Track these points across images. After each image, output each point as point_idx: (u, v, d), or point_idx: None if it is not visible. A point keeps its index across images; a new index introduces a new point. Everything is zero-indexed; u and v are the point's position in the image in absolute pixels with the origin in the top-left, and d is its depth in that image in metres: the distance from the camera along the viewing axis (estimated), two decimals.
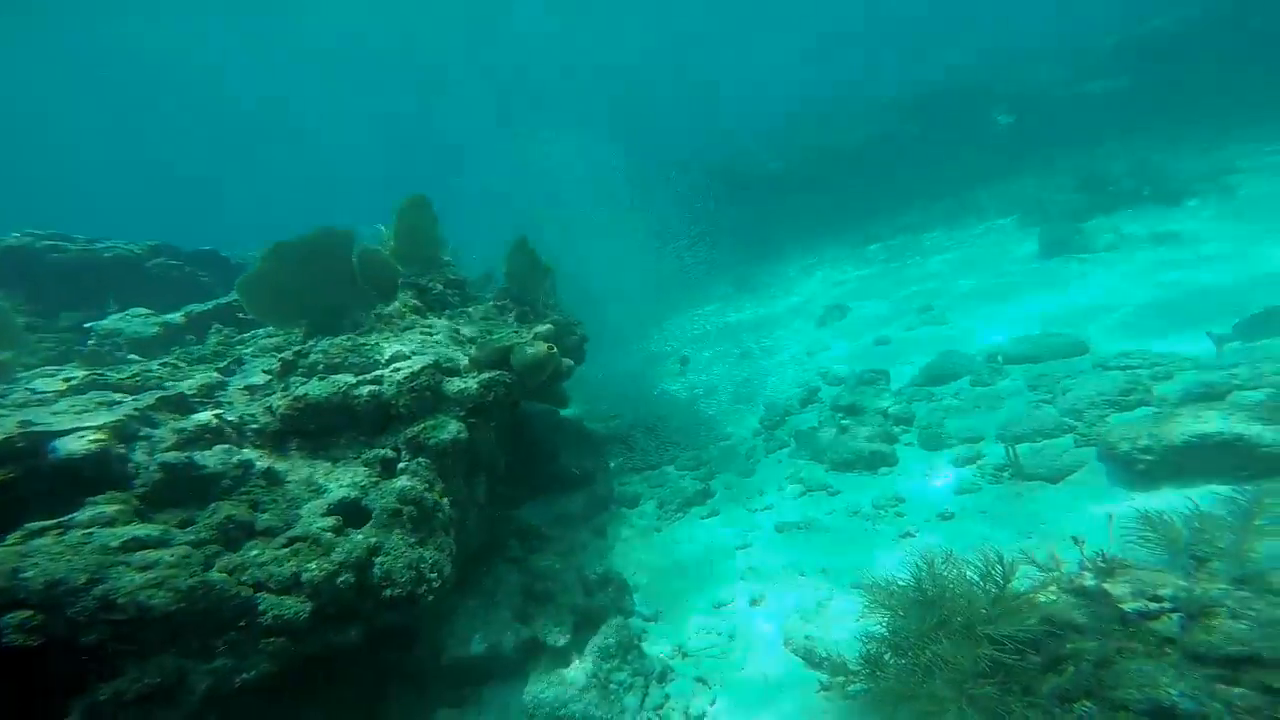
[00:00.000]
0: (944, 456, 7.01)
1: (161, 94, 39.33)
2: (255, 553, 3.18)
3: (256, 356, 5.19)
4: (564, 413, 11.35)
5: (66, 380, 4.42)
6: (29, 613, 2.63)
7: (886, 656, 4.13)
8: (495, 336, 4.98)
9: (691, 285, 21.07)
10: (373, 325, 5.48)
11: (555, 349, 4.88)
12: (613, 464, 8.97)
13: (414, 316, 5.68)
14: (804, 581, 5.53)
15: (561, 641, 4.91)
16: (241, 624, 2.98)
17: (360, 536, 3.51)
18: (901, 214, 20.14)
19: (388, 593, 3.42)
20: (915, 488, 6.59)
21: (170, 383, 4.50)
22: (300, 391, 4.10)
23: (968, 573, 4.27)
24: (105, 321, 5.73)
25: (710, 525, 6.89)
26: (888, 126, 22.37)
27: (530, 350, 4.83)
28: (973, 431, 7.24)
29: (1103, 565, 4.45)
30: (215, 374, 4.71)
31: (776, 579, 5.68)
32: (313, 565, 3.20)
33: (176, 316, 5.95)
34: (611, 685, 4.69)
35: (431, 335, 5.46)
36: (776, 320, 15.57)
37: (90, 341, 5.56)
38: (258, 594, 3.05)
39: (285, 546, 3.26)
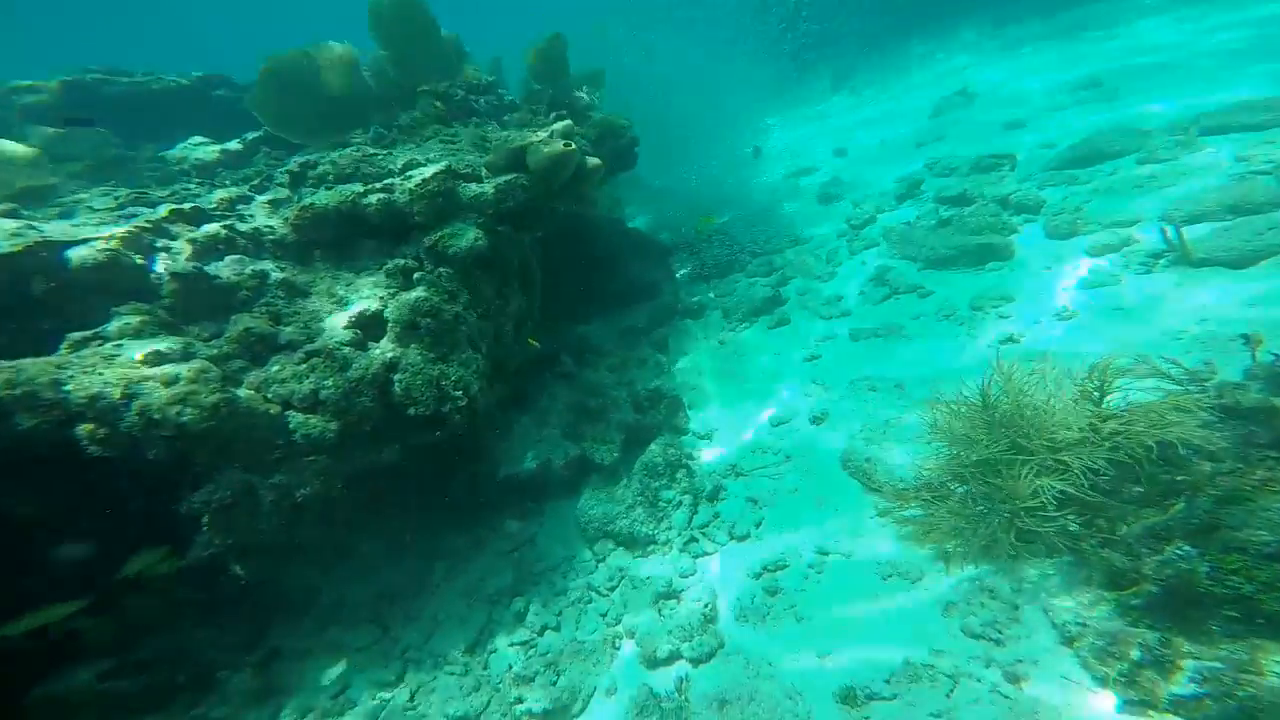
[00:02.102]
0: (1077, 245, 5.42)
1: None
2: (277, 368, 3.06)
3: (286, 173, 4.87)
4: (634, 223, 10.52)
5: (116, 198, 4.35)
6: (92, 425, 2.67)
7: (949, 483, 3.46)
8: (508, 136, 4.14)
9: (789, 82, 17.65)
10: (395, 137, 4.84)
11: (574, 146, 3.95)
12: (681, 273, 8.22)
13: (436, 125, 4.93)
14: (873, 397, 4.78)
15: (609, 459, 4.77)
16: (281, 442, 2.95)
17: (377, 352, 3.28)
18: None
19: (411, 411, 3.24)
20: (1030, 284, 5.22)
21: (200, 198, 4.29)
22: (307, 201, 3.69)
23: (1065, 385, 3.32)
24: (173, 150, 5.64)
25: (778, 335, 6.12)
26: None
27: (545, 149, 3.94)
28: (1125, 214, 5.44)
29: (1279, 372, 3.21)
30: (245, 188, 4.41)
31: (844, 394, 4.97)
32: (329, 383, 3.03)
33: (233, 143, 5.72)
34: (660, 502, 4.52)
35: (455, 143, 4.73)
36: (883, 113, 12.65)
37: (159, 169, 5.54)
38: (286, 412, 2.98)
39: (304, 362, 3.10)
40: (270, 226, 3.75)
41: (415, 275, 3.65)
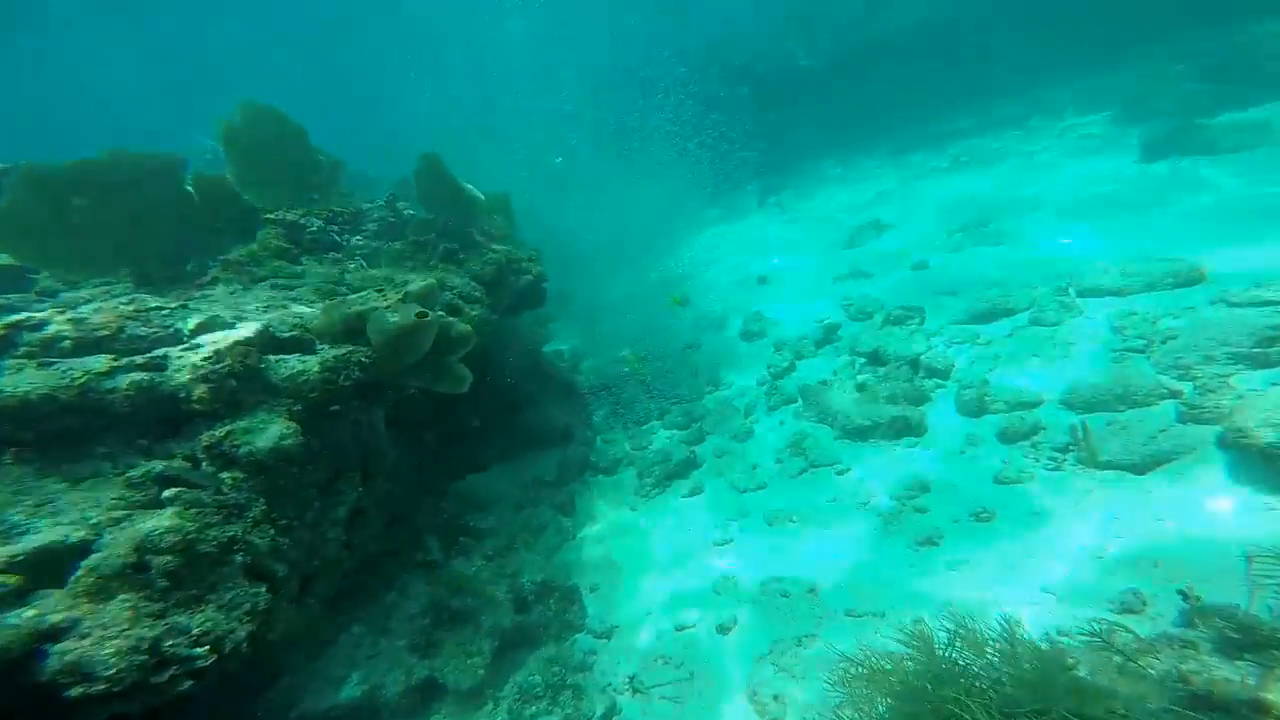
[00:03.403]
0: (987, 425, 5.11)
1: None
2: None
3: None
4: (551, 347, 9.81)
5: None
6: None
7: None
8: (351, 297, 3.32)
9: (713, 199, 18.40)
10: (218, 275, 3.88)
11: (430, 315, 3.17)
12: (598, 415, 7.47)
13: (279, 262, 4.03)
14: (785, 604, 4.00)
15: (469, 682, 3.65)
16: None
17: (30, 613, 2.15)
18: (958, 117, 16.29)
19: (77, 691, 2.09)
20: (946, 471, 4.79)
21: None
22: None
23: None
24: None
25: (691, 507, 5.36)
26: (944, 10, 17.37)
27: (393, 319, 3.12)
28: (1027, 393, 5.26)
29: (1235, 636, 2.71)
30: None
31: (754, 596, 4.19)
32: None
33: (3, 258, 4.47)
34: None
35: (293, 289, 3.83)
36: (801, 240, 13.11)
37: None
38: None
39: None
40: None
41: (168, 493, 2.58)
